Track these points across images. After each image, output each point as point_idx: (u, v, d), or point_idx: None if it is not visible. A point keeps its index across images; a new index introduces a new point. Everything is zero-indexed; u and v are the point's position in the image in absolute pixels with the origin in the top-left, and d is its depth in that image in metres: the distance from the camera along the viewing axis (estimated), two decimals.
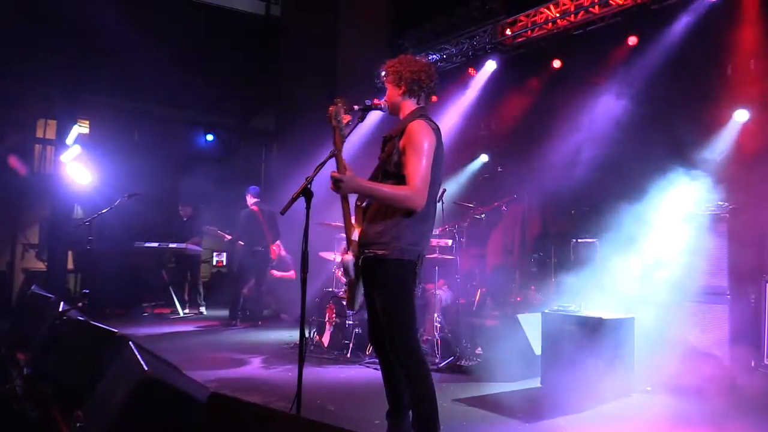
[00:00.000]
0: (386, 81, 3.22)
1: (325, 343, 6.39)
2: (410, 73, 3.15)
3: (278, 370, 5.54)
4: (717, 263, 5.17)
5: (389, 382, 3.21)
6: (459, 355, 5.71)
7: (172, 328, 8.07)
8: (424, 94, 3.21)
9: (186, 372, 3.19)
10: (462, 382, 5.14)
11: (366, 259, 3.01)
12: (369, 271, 3.02)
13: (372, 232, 3.01)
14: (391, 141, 3.10)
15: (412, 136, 2.98)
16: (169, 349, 6.18)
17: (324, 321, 6.50)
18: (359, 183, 2.89)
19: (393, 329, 2.99)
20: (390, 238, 2.96)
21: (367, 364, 5.74)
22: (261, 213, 8.53)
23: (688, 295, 5.17)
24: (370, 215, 3.06)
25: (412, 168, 2.93)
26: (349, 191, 2.91)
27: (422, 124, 3.02)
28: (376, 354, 3.33)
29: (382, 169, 3.07)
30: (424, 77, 3.17)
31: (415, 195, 2.90)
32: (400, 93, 3.18)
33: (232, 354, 6.27)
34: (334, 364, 5.82)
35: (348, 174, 2.84)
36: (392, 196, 2.92)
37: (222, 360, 5.97)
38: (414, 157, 2.94)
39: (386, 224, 2.97)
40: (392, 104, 3.21)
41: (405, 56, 3.28)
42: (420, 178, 2.91)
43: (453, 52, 8.81)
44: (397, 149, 3.02)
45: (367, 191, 2.95)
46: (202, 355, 6.20)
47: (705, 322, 5.15)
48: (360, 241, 3.05)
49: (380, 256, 2.96)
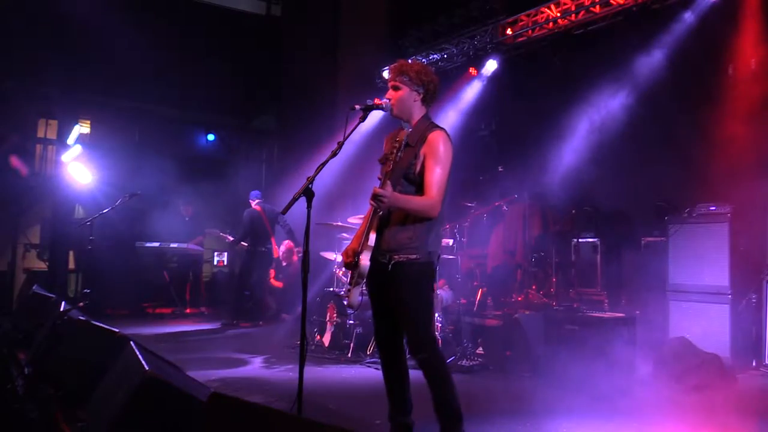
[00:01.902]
0: (400, 82, 3.22)
1: (326, 343, 6.39)
2: (430, 82, 3.26)
3: (279, 370, 5.54)
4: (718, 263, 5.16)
5: (396, 381, 3.28)
6: (460, 354, 5.70)
7: (173, 328, 8.08)
8: (431, 104, 3.35)
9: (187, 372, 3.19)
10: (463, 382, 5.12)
11: (397, 264, 3.12)
12: (398, 273, 3.12)
13: (402, 238, 3.13)
14: (409, 149, 3.16)
15: (435, 148, 3.13)
16: (170, 348, 6.18)
17: (325, 321, 6.51)
18: (397, 198, 3.01)
19: (417, 323, 3.13)
20: (420, 243, 3.12)
21: (368, 364, 5.73)
22: (264, 212, 8.55)
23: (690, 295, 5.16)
24: (396, 222, 3.16)
25: (433, 178, 3.10)
26: (387, 207, 3.03)
27: (443, 136, 3.17)
28: (380, 354, 3.38)
29: (400, 174, 3.13)
30: (438, 89, 3.32)
31: (436, 204, 3.10)
32: (419, 98, 3.26)
33: (233, 354, 6.27)
34: (335, 364, 5.82)
35: (389, 190, 2.96)
36: (420, 207, 3.10)
37: (223, 360, 5.97)
38: (435, 168, 3.11)
39: (416, 230, 3.12)
40: (404, 107, 3.24)
41: (417, 61, 3.43)
42: (439, 188, 3.10)
43: (454, 51, 8.81)
44: (417, 157, 3.15)
45: (401, 205, 3.08)
46: (203, 355, 6.20)
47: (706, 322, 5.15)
48: (384, 246, 3.15)
49: (413, 260, 3.12)
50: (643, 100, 6.58)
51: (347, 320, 6.18)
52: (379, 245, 3.14)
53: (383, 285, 3.19)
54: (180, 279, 9.74)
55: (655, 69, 6.46)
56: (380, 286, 3.22)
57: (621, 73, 6.81)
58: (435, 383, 3.12)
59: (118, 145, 10.36)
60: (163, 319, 9.01)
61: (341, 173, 8.60)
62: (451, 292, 6.73)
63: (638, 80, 6.61)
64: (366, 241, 3.10)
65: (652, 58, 6.48)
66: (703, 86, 6.12)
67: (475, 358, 5.68)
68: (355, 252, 3.16)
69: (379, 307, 3.32)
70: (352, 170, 8.63)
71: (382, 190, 2.93)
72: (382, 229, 3.16)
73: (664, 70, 6.40)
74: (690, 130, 6.10)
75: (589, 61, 7.23)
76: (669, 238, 5.62)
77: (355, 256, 3.15)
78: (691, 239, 5.45)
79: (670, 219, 5.70)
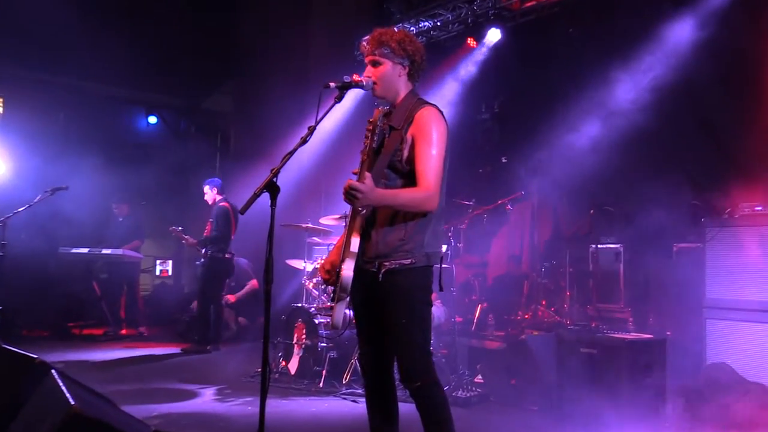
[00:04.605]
0: (380, 55, 3.20)
1: (293, 370, 6.38)
2: (416, 52, 3.24)
3: (235, 404, 5.52)
4: (765, 274, 5.20)
5: (383, 418, 3.27)
6: (455, 384, 5.70)
7: (105, 353, 8.00)
8: (418, 78, 3.32)
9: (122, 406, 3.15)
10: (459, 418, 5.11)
11: (389, 272, 3.07)
12: (390, 283, 3.08)
13: (392, 240, 3.09)
14: (394, 132, 3.14)
15: (424, 126, 3.09)
16: (102, 378, 6.15)
17: (292, 343, 6.48)
18: (379, 194, 2.95)
19: (413, 344, 3.09)
20: (414, 245, 3.09)
21: (343, 396, 5.72)
22: (232, 210, 8.34)
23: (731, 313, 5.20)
24: (382, 221, 3.12)
25: (426, 164, 3.05)
26: (366, 204, 2.94)
27: (433, 112, 3.14)
28: (365, 384, 3.36)
29: (384, 164, 3.11)
30: (425, 60, 3.29)
31: (433, 195, 3.04)
32: (404, 72, 3.24)
33: (179, 384, 6.23)
34: (304, 396, 5.81)
35: (368, 184, 2.87)
36: (411, 202, 3.05)
37: (166, 392, 5.93)
38: (427, 151, 3.06)
39: (407, 230, 3.09)
40: (388, 84, 3.23)
41: (403, 30, 3.36)
42: (435, 175, 3.05)
43: (449, 18, 8.82)
44: (404, 141, 3.11)
45: (385, 202, 3.02)
46: (142, 385, 6.15)
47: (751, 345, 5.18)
48: (370, 252, 3.11)
49: (407, 266, 3.07)
50: (675, 79, 6.61)
51: (319, 342, 6.16)
52: (365, 251, 3.11)
53: (371, 299, 3.16)
54: (113, 293, 9.62)
55: (691, 43, 6.49)
56: (367, 300, 3.19)
57: (648, 47, 6.85)
58: (430, 419, 3.09)
59: (38, 128, 10.23)
60: (93, 341, 8.91)
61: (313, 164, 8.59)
62: (444, 309, 6.73)
63: (669, 56, 6.65)
64: (348, 246, 3.06)
65: (687, 29, 6.51)
66: (749, 67, 6.17)
67: (474, 389, 5.68)
68: (334, 265, 3.14)
69: (365, 328, 3.28)
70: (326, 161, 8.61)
71: (359, 183, 2.87)
72: (367, 232, 3.12)
73: (702, 45, 6.44)
74: (732, 116, 6.15)
75: (611, 33, 7.26)
76: (706, 244, 5.65)
77: (334, 269, 3.13)
78: (733, 246, 5.48)
79: (707, 221, 5.73)
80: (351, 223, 3.09)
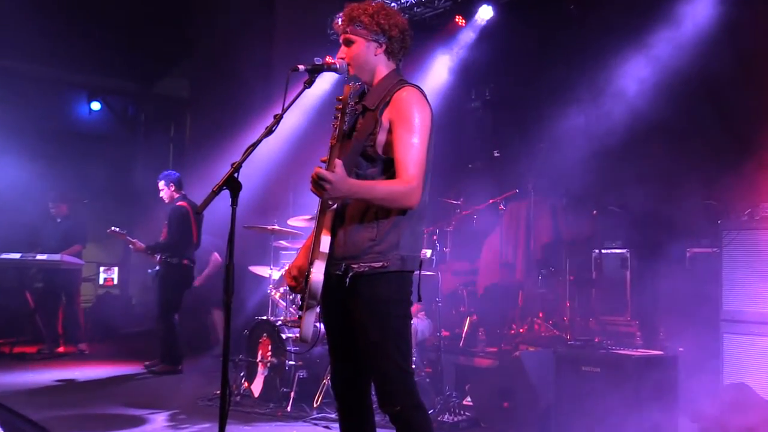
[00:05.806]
0: (352, 33, 3.19)
1: (256, 392, 6.36)
2: (393, 27, 3.20)
3: (191, 431, 5.49)
4: None
5: None
6: (441, 406, 5.70)
7: (40, 374, 7.92)
8: (401, 56, 3.29)
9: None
10: None
11: (356, 276, 3.03)
12: (358, 290, 3.04)
13: (361, 240, 3.04)
14: (368, 114, 3.11)
15: (404, 110, 3.05)
16: (37, 403, 6.12)
17: (255, 361, 6.45)
18: (351, 185, 2.90)
19: (388, 362, 3.05)
20: (387, 246, 3.03)
21: (314, 421, 5.69)
22: (191, 209, 8.25)
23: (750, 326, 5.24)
24: (351, 217, 3.07)
25: (407, 153, 3.01)
26: (335, 196, 2.89)
27: (415, 93, 3.11)
28: (338, 408, 3.33)
29: (357, 150, 3.08)
30: (407, 35, 3.26)
31: (414, 189, 2.99)
32: (380, 50, 3.21)
33: (127, 410, 6.19)
34: (269, 421, 5.78)
35: (338, 173, 2.82)
36: (389, 196, 2.99)
37: (111, 418, 5.90)
38: (407, 139, 3.02)
39: (379, 228, 3.04)
40: (363, 65, 3.21)
41: (379, 2, 3.30)
42: (416, 166, 3.00)
43: None
44: (380, 125, 3.06)
45: (359, 194, 2.97)
46: (83, 411, 6.11)
47: None
48: (338, 253, 3.06)
49: (378, 270, 3.02)
50: (689, 62, 6.68)
51: (286, 360, 6.14)
52: (333, 252, 3.07)
53: (341, 309, 3.13)
54: (50, 304, 9.52)
55: (706, 21, 6.55)
56: (337, 310, 3.16)
57: (660, 28, 6.90)
58: None
59: None
60: (26, 360, 8.83)
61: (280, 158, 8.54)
62: (428, 322, 6.73)
63: (682, 36, 6.71)
64: (317, 246, 3.03)
65: (703, 6, 6.57)
66: None
67: (462, 412, 5.67)
68: (302, 270, 3.13)
69: (337, 341, 3.25)
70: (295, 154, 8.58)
71: (328, 172, 2.82)
72: (334, 229, 3.09)
73: (720, 29, 6.49)
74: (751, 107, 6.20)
75: (618, 10, 7.31)
76: (722, 249, 5.69)
77: (302, 274, 3.12)
78: (753, 251, 5.52)
79: (724, 224, 5.77)
80: (320, 219, 3.06)
